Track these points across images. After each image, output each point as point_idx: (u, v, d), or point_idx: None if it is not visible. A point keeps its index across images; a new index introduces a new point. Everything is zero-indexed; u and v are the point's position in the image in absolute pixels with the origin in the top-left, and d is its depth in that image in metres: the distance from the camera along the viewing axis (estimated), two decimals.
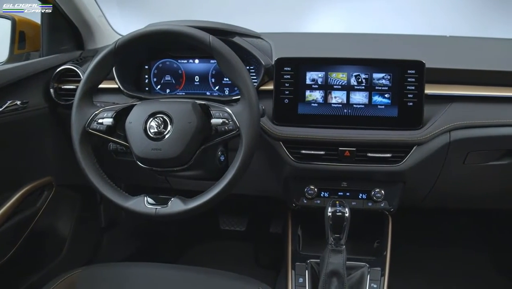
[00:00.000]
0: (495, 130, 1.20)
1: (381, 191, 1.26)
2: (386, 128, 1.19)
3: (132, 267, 1.19)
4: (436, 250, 1.90)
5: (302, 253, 1.34)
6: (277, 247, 1.49)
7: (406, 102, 1.18)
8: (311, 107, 1.21)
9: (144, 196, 1.05)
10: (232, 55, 1.03)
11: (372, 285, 1.22)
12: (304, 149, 1.21)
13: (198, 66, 1.39)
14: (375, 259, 1.31)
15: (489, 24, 2.03)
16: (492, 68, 1.25)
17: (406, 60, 1.19)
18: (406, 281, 1.69)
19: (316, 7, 2.47)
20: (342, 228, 1.14)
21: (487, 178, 1.33)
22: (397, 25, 2.11)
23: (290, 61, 1.21)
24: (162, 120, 1.04)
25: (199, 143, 1.05)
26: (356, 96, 1.20)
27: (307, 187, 1.28)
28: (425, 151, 1.20)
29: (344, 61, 1.20)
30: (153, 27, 1.07)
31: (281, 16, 2.44)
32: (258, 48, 1.30)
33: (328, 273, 1.13)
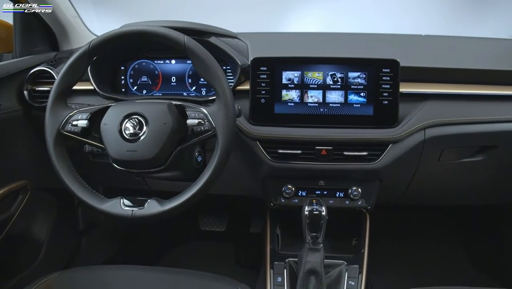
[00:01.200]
0: (468, 127, 1.22)
1: (358, 189, 1.27)
2: (362, 127, 1.21)
3: (111, 270, 1.18)
4: (413, 246, 1.93)
5: (281, 253, 1.35)
6: (257, 247, 1.49)
7: (381, 101, 1.19)
8: (288, 107, 1.22)
9: (120, 198, 1.04)
10: (207, 55, 1.03)
11: (350, 283, 1.23)
12: (281, 149, 1.22)
13: (174, 67, 1.38)
14: (353, 256, 1.32)
15: (466, 23, 2.07)
16: (466, 67, 1.27)
17: (381, 59, 1.20)
18: (384, 276, 1.71)
19: (296, 7, 2.48)
20: (319, 226, 1.15)
21: (462, 174, 1.35)
22: (379, 25, 2.13)
23: (266, 61, 1.21)
24: (138, 122, 1.04)
25: (175, 144, 1.05)
26: (332, 95, 1.21)
27: (284, 187, 1.29)
28: (401, 148, 1.21)
29: (320, 60, 1.21)
30: (128, 28, 1.06)
31: (261, 16, 2.44)
32: (235, 48, 1.29)
33: (306, 272, 1.13)
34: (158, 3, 2.15)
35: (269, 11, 2.54)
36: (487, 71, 1.27)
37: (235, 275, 1.19)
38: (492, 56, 1.40)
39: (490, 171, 1.35)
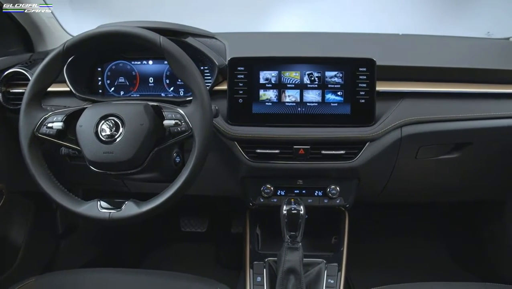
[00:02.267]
0: (444, 125, 1.24)
1: (336, 187, 1.28)
2: (339, 125, 1.21)
3: (90, 274, 1.17)
4: (393, 243, 1.95)
5: (260, 252, 1.35)
6: (238, 247, 1.49)
7: (358, 99, 1.20)
8: (265, 106, 1.22)
9: (97, 201, 1.03)
10: (183, 56, 1.03)
11: (329, 281, 1.24)
12: (259, 148, 1.22)
13: (152, 68, 1.37)
14: (332, 255, 1.32)
15: (446, 22, 2.09)
16: (442, 65, 1.29)
17: (357, 58, 1.21)
18: (365, 274, 1.72)
19: (278, 7, 2.48)
20: (297, 225, 1.15)
21: (439, 171, 1.37)
22: (360, 24, 2.14)
23: (243, 61, 1.21)
24: (114, 123, 1.03)
25: (152, 145, 1.05)
26: (309, 95, 1.21)
27: (263, 186, 1.29)
28: (378, 147, 1.22)
29: (296, 60, 1.21)
30: (103, 29, 1.05)
31: (243, 16, 2.44)
32: (212, 48, 1.29)
33: (285, 271, 1.14)
34: (139, 4, 2.13)
35: (251, 11, 2.54)
36: (462, 70, 1.29)
37: (216, 275, 1.19)
38: (468, 55, 1.42)
39: (466, 168, 1.37)
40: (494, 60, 1.39)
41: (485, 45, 1.53)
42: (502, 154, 1.35)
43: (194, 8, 2.18)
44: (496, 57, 1.42)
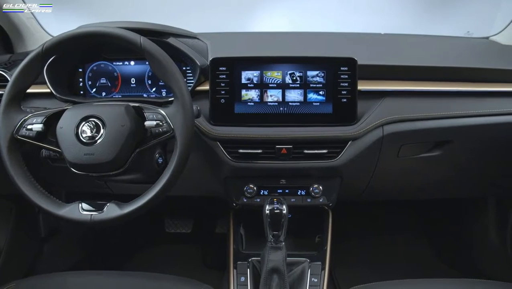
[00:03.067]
0: (424, 123, 1.25)
1: (319, 187, 1.28)
2: (321, 125, 1.22)
3: (73, 277, 1.16)
4: (377, 241, 1.97)
5: (244, 252, 1.35)
6: (223, 247, 1.49)
7: (340, 99, 1.21)
8: (248, 106, 1.22)
9: (79, 203, 1.02)
10: (164, 56, 1.02)
11: (313, 280, 1.24)
12: (242, 148, 1.22)
13: (134, 68, 1.36)
14: (316, 253, 1.33)
15: (432, 21, 2.11)
16: (422, 64, 1.30)
17: (339, 58, 1.21)
18: (350, 272, 1.73)
19: (264, 6, 2.48)
20: (280, 225, 1.15)
21: (421, 169, 1.38)
22: (346, 23, 2.15)
23: (225, 61, 1.21)
24: (95, 124, 1.03)
25: (133, 146, 1.04)
26: (291, 94, 1.22)
27: (246, 186, 1.29)
28: (360, 145, 1.23)
29: (278, 59, 1.21)
30: (83, 29, 1.04)
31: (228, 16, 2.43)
32: (194, 49, 1.29)
33: (269, 271, 1.14)
34: (121, 4, 2.12)
35: (236, 12, 2.54)
36: (443, 68, 1.30)
37: (202, 276, 1.19)
38: (448, 54, 1.43)
39: (447, 165, 1.38)
40: (473, 59, 1.40)
41: (465, 44, 1.55)
42: (482, 151, 1.37)
43: (178, 8, 2.17)
44: (476, 56, 1.44)
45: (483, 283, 1.12)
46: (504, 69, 1.33)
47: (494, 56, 1.43)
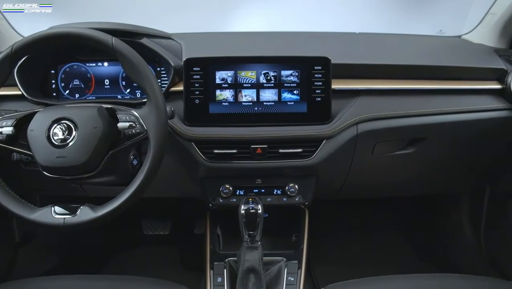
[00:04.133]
0: (398, 121, 1.27)
1: (295, 186, 1.29)
2: (296, 124, 1.22)
3: (49, 282, 1.14)
4: (355, 238, 1.98)
5: (221, 253, 1.34)
6: (202, 248, 1.48)
7: (314, 98, 1.21)
8: (222, 106, 1.21)
9: (51, 206, 1.01)
10: (136, 57, 1.02)
11: (290, 279, 1.24)
12: (217, 149, 1.21)
13: (107, 69, 1.35)
14: (292, 252, 1.33)
15: (411, 20, 2.14)
16: (395, 63, 1.32)
17: (312, 57, 1.22)
18: (329, 268, 1.74)
19: (242, 6, 2.48)
20: (256, 224, 1.15)
21: (395, 166, 1.40)
22: (324, 23, 2.16)
23: (198, 61, 1.21)
24: (66, 126, 1.01)
25: (106, 148, 1.03)
26: (265, 94, 1.22)
27: (222, 186, 1.28)
28: (335, 144, 1.24)
29: (252, 59, 1.22)
30: (53, 30, 1.03)
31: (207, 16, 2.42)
32: (168, 49, 1.28)
33: (245, 270, 1.14)
34: (96, 4, 2.09)
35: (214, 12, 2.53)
36: (416, 67, 1.32)
37: (180, 278, 1.19)
38: (422, 52, 1.45)
39: (421, 163, 1.40)
40: (446, 57, 1.42)
41: (437, 42, 1.57)
42: (455, 148, 1.39)
43: (158, 9, 2.16)
44: (448, 54, 1.45)
45: (457, 277, 1.13)
46: (475, 67, 1.35)
47: (465, 54, 1.45)
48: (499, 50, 1.43)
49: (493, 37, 1.49)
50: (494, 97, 1.33)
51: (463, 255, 1.76)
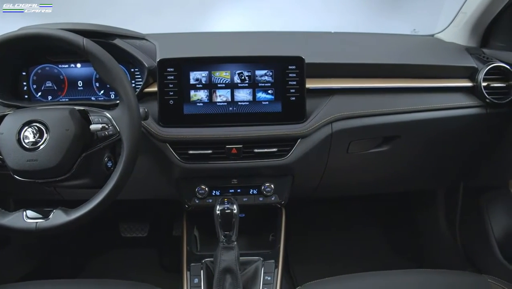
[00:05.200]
0: (372, 119, 1.28)
1: (271, 185, 1.29)
2: (271, 123, 1.22)
3: (24, 287, 1.12)
4: (334, 236, 2.00)
5: (198, 254, 1.34)
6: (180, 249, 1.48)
7: (288, 97, 1.22)
8: (197, 107, 1.21)
9: (23, 211, 0.99)
10: (107, 58, 1.01)
11: (266, 278, 1.24)
12: (192, 149, 1.21)
13: (80, 71, 1.33)
14: (269, 252, 1.33)
15: (385, 18, 2.16)
16: (369, 61, 1.33)
17: (286, 56, 1.22)
18: (308, 267, 1.75)
19: (220, 6, 2.47)
20: (231, 225, 1.15)
21: (371, 164, 1.42)
22: (303, 22, 2.17)
23: (172, 62, 1.20)
24: (38, 129, 1.00)
25: (79, 151, 1.02)
26: (240, 94, 1.22)
27: (198, 187, 1.28)
28: (309, 143, 1.24)
29: (226, 59, 1.21)
30: (22, 31, 1.01)
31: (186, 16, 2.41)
32: (142, 50, 1.27)
33: (221, 271, 1.14)
34: (69, 5, 2.06)
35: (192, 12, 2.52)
36: (390, 65, 1.34)
37: (160, 279, 1.18)
38: (395, 51, 1.47)
39: (395, 160, 1.42)
40: (419, 56, 1.44)
41: (411, 41, 1.60)
42: (429, 145, 1.41)
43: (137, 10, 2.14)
44: (421, 53, 1.48)
45: (433, 272, 1.15)
46: (447, 66, 1.38)
47: (438, 53, 1.47)
48: (470, 49, 1.46)
49: (464, 36, 1.51)
50: (465, 95, 1.36)
51: (439, 250, 1.79)
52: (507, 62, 1.35)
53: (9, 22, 1.31)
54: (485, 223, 1.53)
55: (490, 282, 1.07)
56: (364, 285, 1.11)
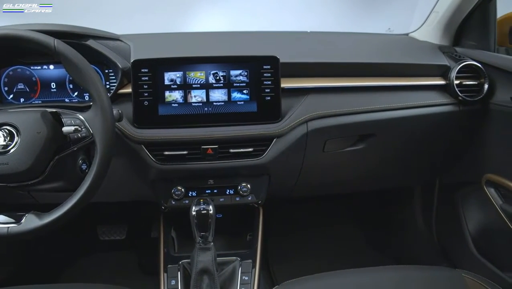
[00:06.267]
0: (347, 118, 1.29)
1: (247, 185, 1.29)
2: (246, 123, 1.22)
3: None
4: (312, 235, 2.01)
5: (175, 255, 1.33)
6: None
7: (264, 97, 1.22)
8: (172, 108, 1.20)
9: None
10: (79, 59, 0.99)
11: (244, 278, 1.24)
12: (167, 150, 1.20)
13: (53, 72, 1.31)
14: (246, 252, 1.33)
15: (366, 18, 2.18)
16: (344, 61, 1.34)
17: (261, 56, 1.22)
18: (287, 265, 1.76)
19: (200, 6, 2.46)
20: (207, 225, 1.15)
21: (347, 163, 1.43)
22: (284, 22, 2.18)
23: (146, 63, 1.19)
24: (8, 132, 0.98)
25: (52, 153, 1.00)
26: (215, 94, 1.21)
27: (174, 188, 1.27)
28: (285, 142, 1.25)
29: (200, 60, 1.21)
30: None
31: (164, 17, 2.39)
32: (116, 51, 1.26)
33: (198, 272, 1.13)
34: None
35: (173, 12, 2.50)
36: (365, 64, 1.35)
37: (138, 282, 1.17)
38: (371, 50, 1.48)
39: (371, 158, 1.43)
40: (394, 55, 1.46)
41: (386, 40, 1.61)
42: (404, 143, 1.43)
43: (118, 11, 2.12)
44: (396, 52, 1.49)
45: (410, 268, 1.16)
46: (421, 64, 1.40)
47: (412, 52, 1.49)
48: (443, 47, 1.49)
49: (437, 34, 1.54)
50: (439, 93, 1.38)
51: (417, 246, 1.81)
52: (478, 60, 1.37)
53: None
54: (460, 218, 1.56)
55: (464, 276, 1.09)
56: (342, 282, 1.11)
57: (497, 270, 1.40)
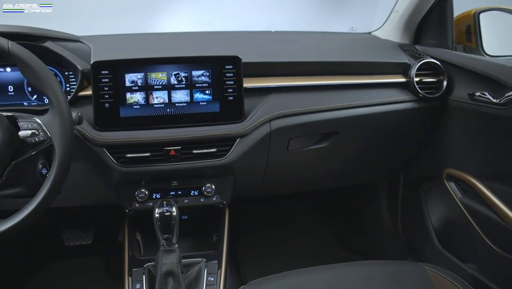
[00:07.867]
0: (310, 116, 1.30)
1: (211, 186, 1.29)
2: (209, 124, 1.22)
3: None
4: (282, 234, 2.02)
5: (140, 258, 1.32)
6: None
7: (226, 97, 1.22)
8: (133, 109, 1.19)
9: None
10: (34, 61, 0.97)
11: (210, 279, 1.24)
12: (129, 153, 1.19)
13: (10, 75, 1.28)
14: (212, 252, 1.33)
15: (332, 16, 2.21)
16: (307, 60, 1.35)
17: (223, 56, 1.22)
18: (258, 264, 1.77)
19: (170, 6, 2.45)
20: (171, 227, 1.14)
21: (311, 161, 1.44)
22: (254, 22, 2.18)
23: (107, 64, 1.17)
24: None
25: (8, 158, 0.97)
26: (177, 95, 1.21)
27: (137, 191, 1.26)
28: (248, 142, 1.25)
29: (161, 60, 1.20)
30: None
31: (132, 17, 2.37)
32: (75, 52, 1.23)
33: (163, 274, 1.13)
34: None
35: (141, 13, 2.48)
36: (327, 63, 1.36)
37: (106, 287, 1.15)
38: (334, 49, 1.50)
39: (335, 156, 1.45)
40: (356, 53, 1.48)
41: (348, 39, 1.64)
42: (367, 140, 1.46)
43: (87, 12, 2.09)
44: (358, 50, 1.52)
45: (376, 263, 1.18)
46: (382, 62, 1.42)
47: (374, 50, 1.52)
48: (403, 46, 1.52)
49: (398, 33, 1.57)
50: (400, 90, 1.41)
51: (383, 241, 1.84)
52: (437, 58, 1.40)
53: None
54: (423, 213, 1.59)
55: (426, 269, 1.12)
56: (310, 279, 1.12)
57: (459, 262, 1.44)
